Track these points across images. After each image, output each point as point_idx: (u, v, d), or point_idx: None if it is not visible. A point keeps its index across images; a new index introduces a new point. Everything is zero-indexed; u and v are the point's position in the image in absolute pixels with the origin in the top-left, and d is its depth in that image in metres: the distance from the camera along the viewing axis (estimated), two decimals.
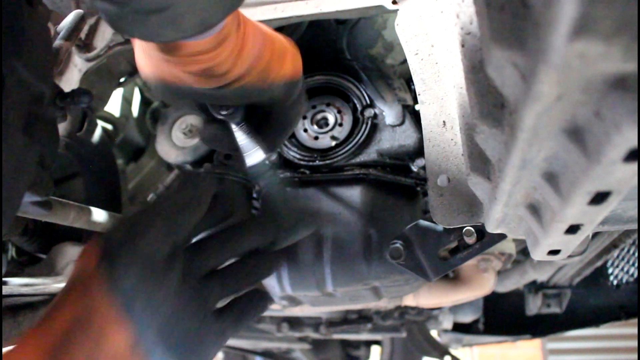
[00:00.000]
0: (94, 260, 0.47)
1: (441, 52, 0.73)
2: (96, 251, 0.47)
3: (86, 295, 0.46)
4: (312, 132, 1.01)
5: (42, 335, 0.44)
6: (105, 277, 0.46)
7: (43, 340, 0.44)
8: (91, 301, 0.46)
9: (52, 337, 0.44)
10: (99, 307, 0.45)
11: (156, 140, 1.10)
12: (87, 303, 0.46)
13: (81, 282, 0.47)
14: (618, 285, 1.74)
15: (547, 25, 0.28)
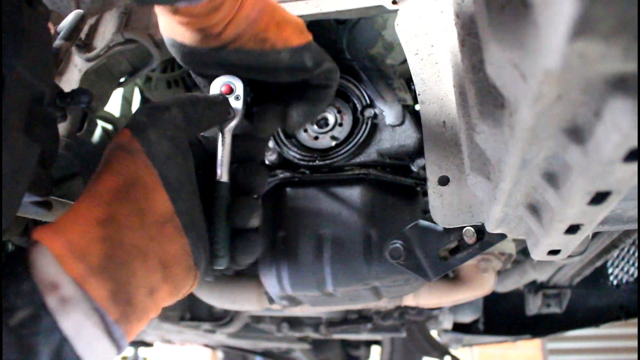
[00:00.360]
0: (127, 136, 0.50)
1: (441, 52, 0.73)
2: (126, 130, 0.50)
3: (127, 164, 0.48)
4: (312, 132, 1.01)
5: (91, 203, 0.46)
6: (142, 148, 0.49)
7: (93, 208, 0.45)
8: (134, 168, 0.48)
9: (101, 205, 0.46)
10: (142, 173, 0.48)
11: None
12: (130, 170, 0.48)
13: (119, 154, 0.49)
14: (618, 285, 1.74)
15: (547, 25, 0.28)
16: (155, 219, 0.48)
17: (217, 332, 1.68)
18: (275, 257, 1.02)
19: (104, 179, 0.48)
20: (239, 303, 1.29)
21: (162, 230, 0.48)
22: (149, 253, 0.47)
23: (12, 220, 0.57)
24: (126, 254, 0.45)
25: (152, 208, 0.48)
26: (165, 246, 0.48)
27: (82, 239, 0.43)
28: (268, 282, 1.05)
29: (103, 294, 0.42)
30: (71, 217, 0.45)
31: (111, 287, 0.43)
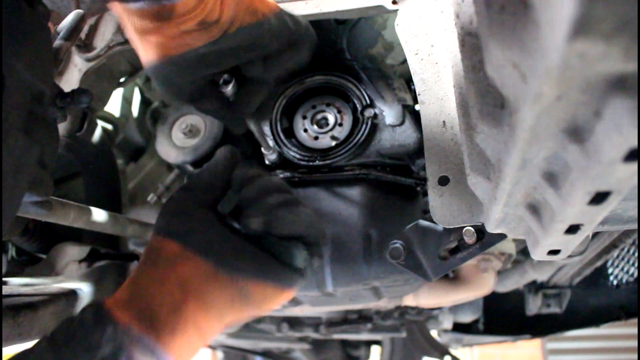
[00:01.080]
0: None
1: (441, 52, 0.73)
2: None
3: (150, 247, 0.58)
4: (312, 132, 1.01)
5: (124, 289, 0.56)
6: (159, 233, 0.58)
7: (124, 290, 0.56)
8: (153, 246, 0.57)
9: (129, 281, 0.56)
10: (161, 248, 0.56)
11: (156, 140, 1.10)
12: (151, 249, 0.57)
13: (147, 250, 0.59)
14: (618, 285, 1.74)
15: (547, 25, 0.28)
16: (187, 276, 0.55)
17: None
18: None
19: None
20: None
21: (175, 263, 0.56)
22: (165, 278, 0.55)
23: (12, 220, 0.57)
24: (144, 287, 0.55)
25: (178, 269, 0.55)
26: (178, 271, 0.55)
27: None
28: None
29: (129, 316, 0.52)
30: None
31: (136, 310, 0.52)
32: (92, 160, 1.09)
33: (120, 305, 0.53)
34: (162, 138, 1.09)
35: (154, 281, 0.55)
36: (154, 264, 0.56)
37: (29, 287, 0.80)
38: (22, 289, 0.79)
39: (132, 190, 1.33)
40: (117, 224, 0.92)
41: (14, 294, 0.80)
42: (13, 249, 1.06)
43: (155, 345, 0.51)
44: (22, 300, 0.83)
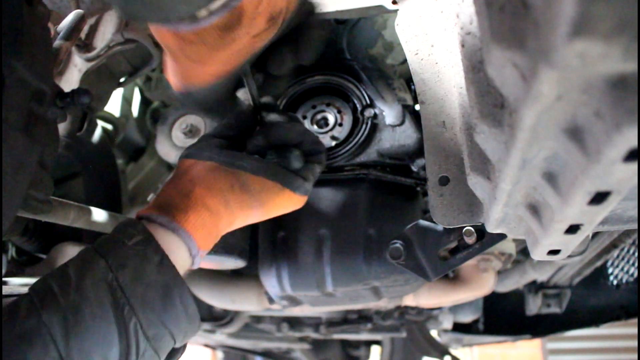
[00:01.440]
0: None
1: (441, 52, 0.73)
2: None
3: (174, 170, 0.72)
4: (312, 132, 1.01)
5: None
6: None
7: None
8: (176, 167, 0.71)
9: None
10: (181, 166, 0.71)
11: (156, 140, 1.10)
12: (175, 171, 0.71)
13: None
14: (618, 285, 1.74)
15: (547, 25, 0.28)
16: (195, 174, 0.69)
17: (217, 332, 1.68)
18: (275, 257, 1.02)
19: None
20: (239, 303, 1.29)
21: (187, 171, 0.70)
22: (178, 181, 0.68)
23: (12, 220, 0.57)
24: (165, 190, 0.68)
25: (180, 169, 0.71)
26: (189, 174, 0.69)
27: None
28: (268, 282, 1.05)
29: (151, 209, 0.65)
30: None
31: (156, 206, 0.65)
32: (92, 160, 1.09)
33: (147, 208, 0.66)
34: (162, 138, 1.09)
35: (171, 186, 0.68)
36: (174, 177, 0.69)
37: (29, 287, 0.80)
38: (22, 289, 0.79)
39: (132, 190, 1.33)
40: (117, 224, 0.92)
41: (14, 294, 0.80)
42: (13, 249, 1.06)
43: (170, 222, 0.63)
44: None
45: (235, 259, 0.92)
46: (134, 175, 1.37)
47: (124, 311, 0.56)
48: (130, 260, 0.58)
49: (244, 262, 0.95)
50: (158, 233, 0.62)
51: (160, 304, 0.59)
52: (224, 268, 0.99)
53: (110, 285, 0.56)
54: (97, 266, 0.57)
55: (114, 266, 0.57)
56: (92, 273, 0.57)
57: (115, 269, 0.57)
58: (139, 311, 0.57)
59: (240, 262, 0.94)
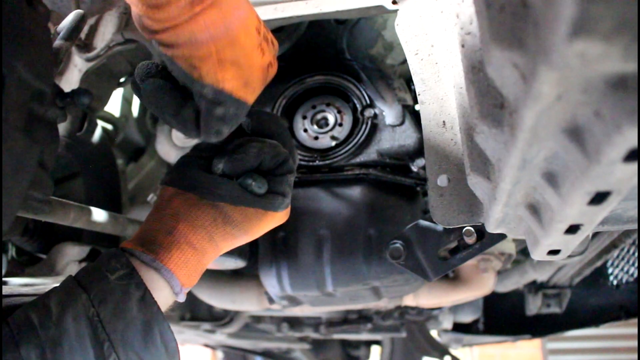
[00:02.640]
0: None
1: (441, 52, 0.73)
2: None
3: (157, 198, 0.71)
4: (312, 132, 1.01)
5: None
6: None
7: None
8: (159, 195, 0.70)
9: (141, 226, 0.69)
10: (163, 194, 0.69)
11: (156, 140, 1.10)
12: (158, 198, 0.70)
13: None
14: (618, 285, 1.74)
15: (547, 25, 0.28)
16: (164, 199, 0.69)
17: (217, 332, 1.68)
18: (275, 257, 1.02)
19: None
20: (239, 303, 1.29)
21: (170, 201, 0.69)
22: (161, 214, 0.67)
23: (12, 220, 0.57)
24: (147, 223, 0.68)
25: (162, 199, 0.70)
26: (171, 206, 0.68)
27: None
28: (268, 282, 1.05)
29: (134, 244, 0.65)
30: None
31: (140, 241, 0.65)
32: (92, 160, 1.09)
33: (130, 241, 0.66)
34: (162, 138, 1.09)
35: (154, 219, 0.68)
36: (156, 207, 0.69)
37: (29, 287, 0.80)
38: (22, 289, 0.79)
39: (132, 190, 1.33)
40: (117, 224, 0.92)
41: (14, 294, 0.80)
42: (13, 249, 1.06)
43: (153, 261, 0.63)
44: (22, 300, 0.83)
45: (235, 259, 0.92)
46: (134, 175, 1.37)
47: (103, 347, 0.56)
48: (112, 295, 0.58)
49: (244, 262, 0.95)
50: (141, 270, 0.62)
51: (140, 340, 0.58)
52: (224, 268, 0.99)
53: (91, 321, 0.56)
54: (78, 300, 0.57)
55: (95, 300, 0.57)
56: (73, 307, 0.56)
57: (96, 304, 0.57)
58: (118, 348, 0.56)
59: (240, 262, 0.94)
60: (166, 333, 0.61)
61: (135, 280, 0.60)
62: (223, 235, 0.68)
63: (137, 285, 0.60)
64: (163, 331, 0.61)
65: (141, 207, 1.27)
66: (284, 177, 0.72)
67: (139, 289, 0.60)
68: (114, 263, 0.61)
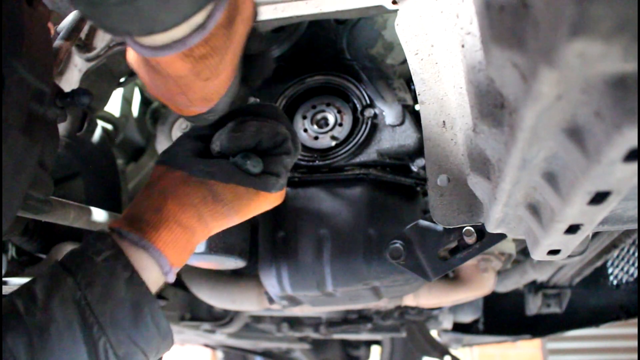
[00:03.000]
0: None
1: (441, 52, 0.73)
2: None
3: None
4: (312, 132, 1.01)
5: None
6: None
7: None
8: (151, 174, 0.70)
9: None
10: (153, 173, 0.69)
11: (156, 140, 1.10)
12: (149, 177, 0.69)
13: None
14: (618, 285, 1.74)
15: (547, 25, 0.28)
16: (166, 184, 0.67)
17: (217, 332, 1.68)
18: (275, 257, 1.02)
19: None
20: (239, 303, 1.29)
21: (159, 179, 0.68)
22: (150, 191, 0.66)
23: (12, 220, 0.57)
24: (136, 202, 0.67)
25: (152, 177, 0.69)
26: (160, 184, 0.66)
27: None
28: (268, 282, 1.05)
29: (120, 223, 0.63)
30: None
31: (128, 220, 0.64)
32: (92, 160, 1.09)
33: (118, 220, 0.65)
34: (162, 138, 1.09)
35: (143, 197, 0.66)
36: (147, 185, 0.68)
37: None
38: None
39: (132, 190, 1.33)
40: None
41: None
42: (13, 249, 1.06)
43: (141, 239, 0.61)
44: None
45: (235, 259, 0.92)
46: (134, 175, 1.37)
47: (92, 330, 0.54)
48: (99, 277, 0.57)
49: (244, 262, 0.95)
50: (128, 250, 0.60)
51: (130, 321, 0.57)
52: (224, 268, 0.99)
53: (79, 304, 0.55)
54: (64, 284, 0.56)
55: (82, 284, 0.56)
56: (59, 291, 0.55)
57: (83, 287, 0.55)
58: (108, 330, 0.55)
59: (240, 262, 0.94)
60: (157, 313, 0.60)
61: (122, 261, 0.58)
62: (213, 214, 0.66)
63: (124, 266, 0.58)
64: (154, 311, 0.59)
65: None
66: (279, 157, 0.70)
67: (126, 269, 0.58)
68: (99, 245, 0.59)
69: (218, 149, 0.69)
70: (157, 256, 0.62)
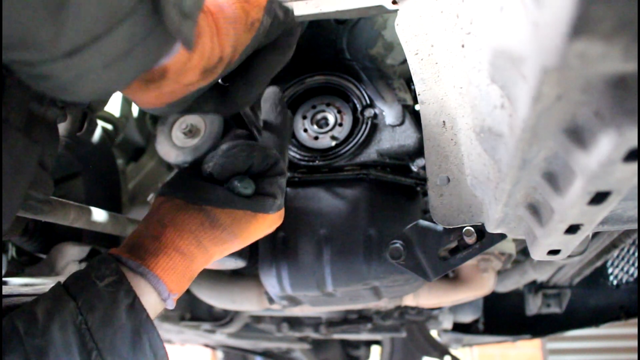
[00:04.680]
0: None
1: (441, 52, 0.73)
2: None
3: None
4: (312, 132, 1.01)
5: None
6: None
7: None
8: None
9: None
10: (154, 204, 0.71)
11: (156, 140, 1.10)
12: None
13: None
14: (618, 285, 1.74)
15: (547, 25, 0.28)
16: (154, 208, 0.70)
17: (217, 332, 1.68)
18: (275, 257, 1.02)
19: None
20: (239, 303, 1.29)
21: (158, 208, 0.69)
22: (150, 220, 0.67)
23: (12, 220, 0.57)
24: (136, 231, 0.67)
25: (152, 207, 0.70)
26: (159, 212, 0.68)
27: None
28: (268, 282, 1.05)
29: (121, 251, 0.64)
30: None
31: (128, 248, 0.65)
32: (92, 160, 1.09)
33: (119, 248, 0.66)
34: (162, 138, 1.09)
35: (143, 226, 0.68)
36: (146, 216, 0.69)
37: (29, 287, 0.80)
38: (22, 289, 0.79)
39: (132, 190, 1.33)
40: (117, 224, 0.92)
41: (14, 294, 0.80)
42: (13, 249, 1.06)
43: (139, 266, 0.62)
44: (22, 300, 0.83)
45: (235, 259, 0.92)
46: (134, 175, 1.37)
47: (91, 355, 0.55)
48: (101, 302, 0.57)
49: (244, 262, 0.95)
50: (128, 276, 0.61)
51: (128, 348, 0.58)
52: (224, 268, 0.99)
53: (79, 329, 0.55)
54: (66, 307, 0.56)
55: (83, 308, 0.56)
56: (60, 315, 0.55)
57: (85, 311, 0.56)
58: (106, 356, 0.55)
59: (240, 262, 0.94)
60: (155, 341, 0.60)
61: (124, 287, 0.59)
62: (212, 239, 0.67)
63: (126, 292, 0.59)
64: (152, 339, 0.60)
65: (141, 207, 1.27)
66: (274, 179, 0.72)
67: (128, 296, 0.59)
68: (103, 269, 0.60)
69: (210, 171, 0.69)
70: (156, 282, 0.63)
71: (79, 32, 0.38)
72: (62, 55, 0.39)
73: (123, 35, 0.41)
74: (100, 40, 0.39)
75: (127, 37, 0.41)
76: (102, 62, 0.42)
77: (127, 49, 0.42)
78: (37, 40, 0.37)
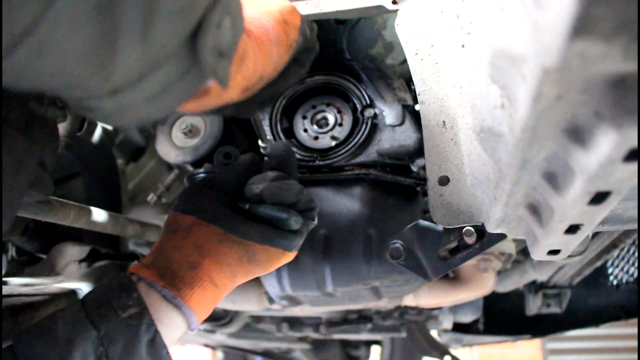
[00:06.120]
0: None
1: (441, 52, 0.73)
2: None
3: (168, 221, 0.69)
4: (312, 132, 1.01)
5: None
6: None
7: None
8: (171, 220, 0.68)
9: (153, 249, 0.67)
10: (179, 221, 0.67)
11: (156, 140, 1.10)
12: (169, 222, 0.68)
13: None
14: (618, 285, 1.74)
15: (547, 25, 0.28)
16: (204, 239, 0.66)
17: (217, 332, 1.68)
18: None
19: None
20: (239, 303, 1.29)
21: (191, 230, 0.66)
22: (184, 244, 0.65)
23: (12, 220, 0.57)
24: (165, 251, 0.65)
25: (195, 234, 0.66)
26: (194, 236, 0.65)
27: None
28: (268, 282, 1.05)
29: (153, 274, 0.62)
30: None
31: (160, 272, 0.63)
32: (92, 160, 1.09)
33: (146, 266, 0.64)
34: (162, 138, 1.09)
35: (173, 247, 0.65)
36: (173, 232, 0.66)
37: (29, 287, 0.80)
38: (22, 289, 0.79)
39: (132, 190, 1.33)
40: (117, 224, 0.92)
41: (14, 294, 0.80)
42: (13, 249, 1.06)
43: (176, 298, 0.61)
44: (22, 300, 0.83)
45: None
46: (134, 175, 1.37)
47: None
48: (122, 335, 0.57)
49: None
50: (159, 304, 0.61)
51: None
52: None
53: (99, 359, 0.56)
54: (88, 337, 0.56)
55: (105, 339, 0.56)
56: (81, 344, 0.56)
57: (106, 343, 0.56)
58: None
59: None
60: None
61: (146, 320, 0.59)
62: (245, 273, 0.67)
63: (147, 326, 0.58)
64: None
65: (141, 207, 1.27)
66: (309, 223, 0.72)
67: (149, 330, 0.58)
68: (124, 298, 0.59)
69: (258, 192, 0.67)
70: (189, 315, 0.62)
71: (125, 76, 0.39)
72: (107, 94, 0.40)
73: (163, 74, 0.42)
74: (142, 80, 0.40)
75: (166, 76, 0.43)
76: (143, 97, 0.42)
77: (166, 86, 0.43)
78: (86, 86, 0.38)
